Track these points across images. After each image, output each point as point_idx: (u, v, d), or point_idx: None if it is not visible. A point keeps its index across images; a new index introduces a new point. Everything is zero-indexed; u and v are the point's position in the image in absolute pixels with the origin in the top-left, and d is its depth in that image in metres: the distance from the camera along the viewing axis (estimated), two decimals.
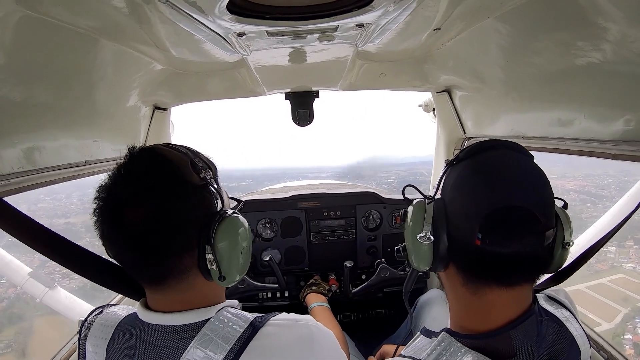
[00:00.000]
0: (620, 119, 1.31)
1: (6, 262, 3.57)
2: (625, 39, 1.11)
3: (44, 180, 1.59)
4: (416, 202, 1.23)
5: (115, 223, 1.08)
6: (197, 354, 1.10)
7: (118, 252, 1.14)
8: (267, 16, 1.23)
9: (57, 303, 3.62)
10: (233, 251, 1.19)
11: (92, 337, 1.25)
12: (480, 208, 1.05)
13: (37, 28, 1.21)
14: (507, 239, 1.03)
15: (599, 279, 13.76)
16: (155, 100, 2.62)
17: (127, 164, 1.15)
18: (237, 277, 1.24)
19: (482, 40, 1.71)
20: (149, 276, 1.15)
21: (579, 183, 17.48)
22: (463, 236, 1.10)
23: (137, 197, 1.07)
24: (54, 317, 4.33)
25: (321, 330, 1.29)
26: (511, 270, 1.05)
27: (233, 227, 1.20)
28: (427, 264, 1.19)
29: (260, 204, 3.28)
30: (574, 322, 1.19)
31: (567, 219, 1.13)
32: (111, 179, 1.13)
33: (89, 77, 1.66)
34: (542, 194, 1.07)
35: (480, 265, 1.08)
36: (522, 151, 1.15)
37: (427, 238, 1.15)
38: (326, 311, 2.42)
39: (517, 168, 1.09)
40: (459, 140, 3.02)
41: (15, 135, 1.38)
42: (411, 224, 1.20)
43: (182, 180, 1.14)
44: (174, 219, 1.10)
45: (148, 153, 1.18)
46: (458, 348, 1.09)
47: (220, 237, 1.15)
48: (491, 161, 1.13)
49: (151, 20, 1.36)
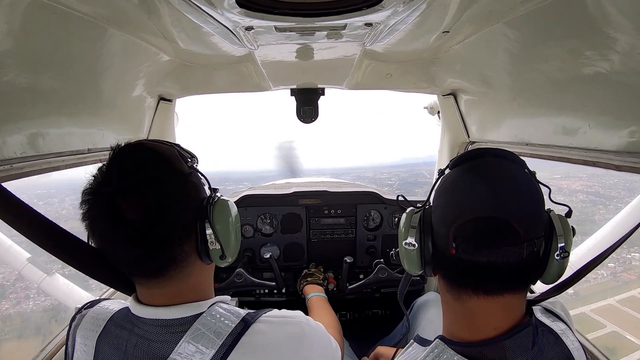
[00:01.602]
0: (625, 130, 1.31)
1: (6, 248, 3.58)
2: (634, 50, 1.11)
3: (47, 167, 1.59)
4: (408, 210, 1.25)
5: (114, 219, 1.06)
6: (189, 349, 1.11)
7: (118, 248, 1.12)
8: (275, 11, 1.23)
9: (54, 290, 3.63)
10: (230, 229, 1.26)
11: (83, 329, 1.26)
12: (456, 216, 1.06)
13: (46, 14, 1.21)
14: (480, 248, 1.02)
15: (629, 291, 12.24)
16: (161, 91, 2.62)
17: (116, 158, 1.15)
18: (234, 256, 1.31)
19: (490, 44, 1.70)
20: (151, 268, 1.15)
21: (584, 183, 17.05)
22: (442, 244, 1.11)
23: (135, 191, 1.07)
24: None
25: (311, 326, 1.32)
26: (485, 280, 1.05)
27: (226, 207, 1.27)
28: (417, 268, 1.21)
29: (261, 199, 3.28)
30: (570, 335, 1.18)
31: (563, 227, 1.10)
32: (100, 177, 1.12)
33: (96, 65, 1.66)
34: (524, 203, 1.06)
35: (455, 272, 1.10)
36: (512, 159, 1.15)
37: (412, 244, 1.18)
38: (323, 301, 2.43)
39: (500, 178, 1.08)
40: (462, 144, 3.02)
41: (19, 120, 1.39)
42: (402, 230, 1.23)
43: (176, 169, 1.17)
44: (174, 208, 1.12)
45: (136, 147, 1.20)
46: (451, 355, 1.09)
47: (217, 218, 1.22)
48: (473, 170, 1.13)
49: (160, 11, 1.36)
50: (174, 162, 1.18)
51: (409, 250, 1.19)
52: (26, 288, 8.09)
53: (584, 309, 11.14)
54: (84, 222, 1.13)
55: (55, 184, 10.03)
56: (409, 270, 1.25)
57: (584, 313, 10.97)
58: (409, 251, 1.19)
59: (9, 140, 1.34)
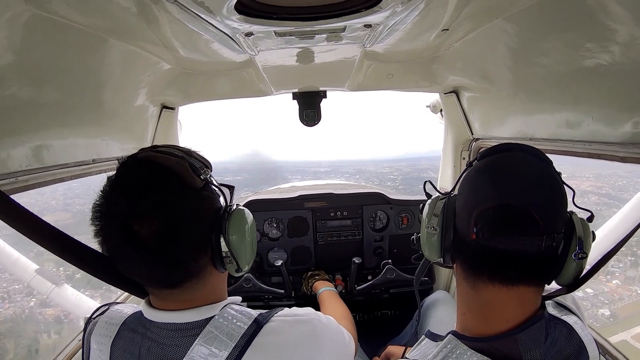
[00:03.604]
0: (628, 121, 1.30)
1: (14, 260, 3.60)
2: (634, 40, 1.11)
3: (52, 179, 1.60)
4: (432, 198, 1.28)
5: (127, 240, 1.05)
6: (202, 351, 1.11)
7: (132, 266, 1.12)
8: (274, 16, 1.23)
9: (63, 300, 3.65)
10: (245, 241, 1.24)
11: (97, 334, 1.26)
12: (479, 203, 1.07)
13: (46, 27, 1.22)
14: (500, 235, 1.03)
15: None
16: (163, 99, 2.63)
17: (124, 176, 1.12)
18: (250, 265, 1.31)
19: (490, 41, 1.70)
20: (166, 283, 1.15)
21: (593, 184, 16.66)
22: (464, 229, 1.12)
23: (147, 213, 1.05)
24: None
25: (322, 322, 1.32)
26: (502, 267, 1.06)
27: (242, 219, 1.25)
28: (436, 254, 1.23)
29: (267, 203, 3.28)
30: (584, 328, 1.18)
31: (584, 229, 1.10)
32: (109, 194, 1.10)
33: (97, 76, 1.67)
34: (547, 197, 1.07)
35: (474, 258, 1.11)
36: (539, 156, 1.15)
37: (434, 229, 1.20)
38: (334, 295, 2.46)
39: (526, 170, 1.10)
40: (466, 141, 3.01)
41: (23, 133, 1.39)
42: (424, 216, 1.25)
43: (187, 187, 1.13)
44: (187, 226, 1.11)
45: (145, 163, 1.15)
46: (464, 351, 1.09)
47: (233, 231, 1.21)
48: (501, 161, 1.15)
49: (159, 20, 1.37)
50: (186, 178, 1.14)
51: (431, 235, 1.21)
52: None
53: (624, 335, 10.04)
54: (96, 239, 1.12)
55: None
56: (429, 256, 1.27)
57: (626, 341, 9.69)
58: (430, 236, 1.21)
59: (13, 153, 1.35)
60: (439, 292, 2.75)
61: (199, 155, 1.27)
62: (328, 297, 2.42)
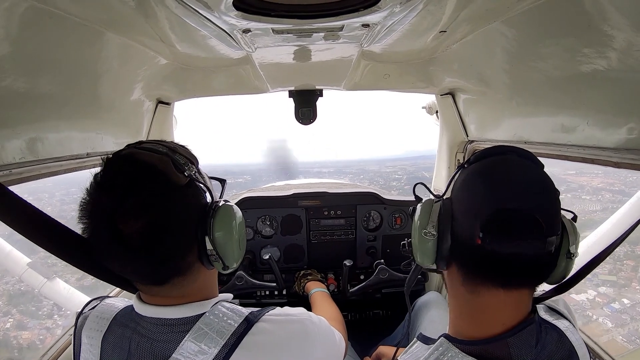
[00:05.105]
0: (623, 127, 1.31)
1: (6, 253, 3.57)
2: (631, 47, 1.11)
3: (46, 171, 1.59)
4: (425, 200, 1.25)
5: (113, 239, 1.04)
6: (191, 348, 1.11)
7: (119, 262, 1.11)
8: (272, 13, 1.23)
9: (55, 294, 3.62)
10: (232, 238, 1.23)
11: (88, 329, 1.25)
12: (484, 207, 1.06)
13: (43, 19, 1.21)
14: (507, 239, 1.03)
15: None
16: (159, 94, 2.62)
17: (107, 174, 1.10)
18: (238, 263, 1.29)
19: (488, 43, 1.71)
20: (154, 279, 1.15)
21: (603, 180, 16.11)
22: (465, 234, 1.11)
23: (131, 212, 1.04)
24: None
25: (314, 323, 1.32)
26: (509, 272, 1.06)
27: (228, 216, 1.23)
28: (431, 259, 1.20)
29: (261, 201, 3.28)
30: (575, 333, 1.19)
31: (573, 230, 1.12)
32: (94, 193, 1.09)
33: (94, 69, 1.66)
34: (546, 201, 1.07)
35: (479, 263, 1.09)
36: (532, 159, 1.15)
37: (431, 234, 1.17)
38: (326, 296, 2.46)
39: (524, 174, 1.10)
40: (461, 143, 3.02)
41: (18, 125, 1.38)
42: (418, 220, 1.22)
43: (171, 185, 1.12)
44: (172, 225, 1.10)
45: (128, 161, 1.13)
46: (455, 354, 1.09)
47: (218, 228, 1.19)
48: (499, 164, 1.14)
49: (157, 15, 1.36)
50: (170, 175, 1.12)
51: (426, 240, 1.17)
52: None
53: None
54: (83, 234, 1.11)
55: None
56: (421, 262, 1.23)
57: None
58: (424, 241, 1.18)
59: (7, 145, 1.34)
60: (431, 294, 2.76)
61: (184, 151, 1.26)
62: (320, 298, 2.43)
